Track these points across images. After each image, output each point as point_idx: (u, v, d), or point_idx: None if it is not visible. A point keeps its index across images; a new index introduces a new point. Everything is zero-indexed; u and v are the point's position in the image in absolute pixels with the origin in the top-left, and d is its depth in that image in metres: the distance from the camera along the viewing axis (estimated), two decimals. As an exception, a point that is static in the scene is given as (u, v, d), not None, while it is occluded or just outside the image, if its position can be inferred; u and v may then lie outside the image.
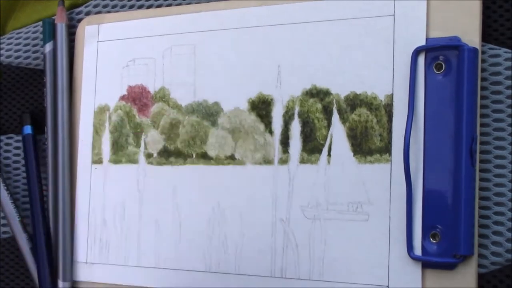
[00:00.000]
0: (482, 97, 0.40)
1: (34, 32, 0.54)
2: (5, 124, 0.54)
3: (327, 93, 0.43)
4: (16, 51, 0.54)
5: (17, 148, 0.54)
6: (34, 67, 0.54)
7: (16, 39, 0.54)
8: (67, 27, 0.51)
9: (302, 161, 0.43)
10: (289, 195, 0.43)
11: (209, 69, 0.47)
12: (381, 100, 0.41)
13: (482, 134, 0.40)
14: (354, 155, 0.42)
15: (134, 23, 0.50)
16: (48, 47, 0.51)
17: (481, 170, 0.40)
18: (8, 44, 0.54)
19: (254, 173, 0.45)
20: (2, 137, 0.54)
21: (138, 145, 0.49)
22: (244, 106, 0.45)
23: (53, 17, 0.52)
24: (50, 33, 0.51)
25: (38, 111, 0.53)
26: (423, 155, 0.40)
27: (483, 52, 0.40)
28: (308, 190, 0.43)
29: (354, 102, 0.42)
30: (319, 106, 0.43)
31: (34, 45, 0.54)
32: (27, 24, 0.54)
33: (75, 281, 0.50)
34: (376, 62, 0.42)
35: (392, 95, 0.41)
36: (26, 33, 0.54)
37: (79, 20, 0.52)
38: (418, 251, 0.40)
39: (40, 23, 0.53)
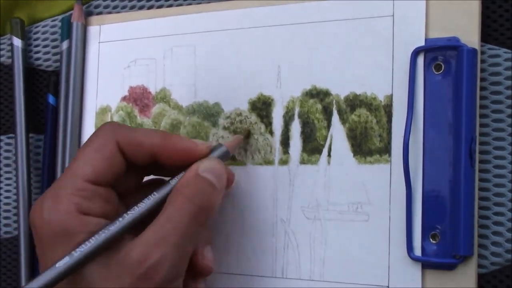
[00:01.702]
0: (482, 97, 0.40)
1: (35, 33, 0.54)
2: (6, 124, 0.54)
3: (327, 93, 0.43)
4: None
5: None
6: (35, 67, 0.54)
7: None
8: (83, 27, 0.51)
9: (302, 161, 0.43)
10: (290, 195, 0.43)
11: (209, 70, 0.47)
12: (380, 101, 0.41)
13: (481, 134, 0.40)
14: (354, 155, 0.42)
15: (135, 24, 0.50)
16: (65, 44, 0.51)
17: (480, 171, 0.40)
18: (9, 44, 0.54)
19: (254, 174, 0.45)
20: (2, 137, 0.55)
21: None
22: (245, 106, 0.45)
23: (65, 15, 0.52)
24: (66, 31, 0.51)
25: (31, 110, 0.54)
26: (422, 156, 0.40)
27: (482, 52, 0.40)
28: (308, 191, 0.43)
29: (354, 102, 0.42)
30: (319, 106, 0.43)
31: (36, 46, 0.54)
32: (28, 24, 0.54)
33: None
34: (376, 62, 0.42)
35: (391, 95, 0.41)
36: (28, 33, 0.54)
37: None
38: (418, 251, 0.40)
39: (42, 23, 0.53)
